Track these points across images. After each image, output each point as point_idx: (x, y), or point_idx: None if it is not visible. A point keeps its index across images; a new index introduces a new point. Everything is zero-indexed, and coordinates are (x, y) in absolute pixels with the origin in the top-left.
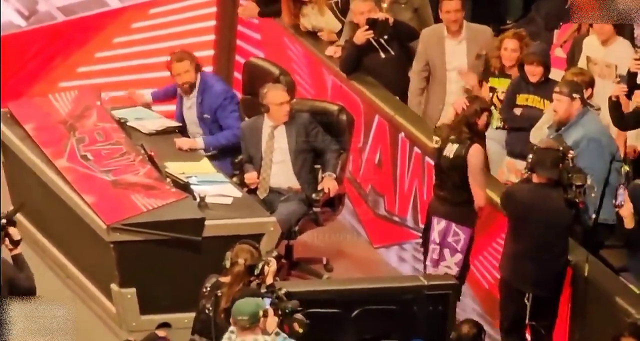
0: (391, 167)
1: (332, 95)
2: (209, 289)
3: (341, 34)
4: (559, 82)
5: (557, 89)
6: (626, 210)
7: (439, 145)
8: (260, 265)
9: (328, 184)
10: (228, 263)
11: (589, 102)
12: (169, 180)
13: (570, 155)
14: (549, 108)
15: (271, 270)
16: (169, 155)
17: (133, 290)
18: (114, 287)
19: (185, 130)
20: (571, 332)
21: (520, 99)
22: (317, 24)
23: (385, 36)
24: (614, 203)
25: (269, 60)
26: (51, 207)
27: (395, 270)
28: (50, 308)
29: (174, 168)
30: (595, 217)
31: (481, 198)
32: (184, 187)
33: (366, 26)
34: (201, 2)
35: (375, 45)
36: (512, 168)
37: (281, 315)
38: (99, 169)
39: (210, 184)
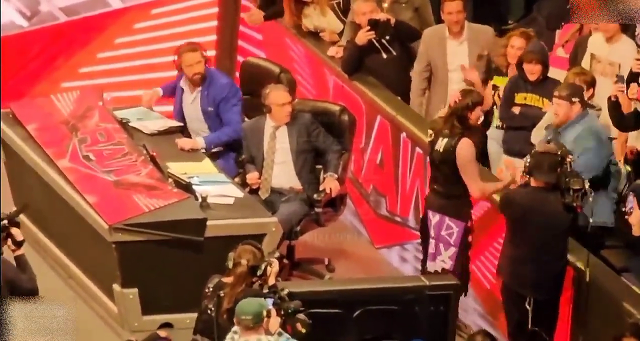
0: (393, 167)
1: (334, 95)
2: (211, 289)
3: (343, 34)
4: (559, 85)
5: (557, 93)
6: (635, 218)
7: (432, 138)
8: (263, 266)
9: (330, 184)
10: (231, 264)
11: (589, 102)
12: (171, 181)
13: (568, 159)
14: (550, 108)
15: (273, 271)
16: (170, 155)
17: (135, 290)
18: (116, 287)
19: (185, 129)
20: (573, 333)
21: (519, 98)
22: (319, 24)
23: (387, 37)
24: (623, 209)
25: (268, 59)
26: (53, 207)
27: (396, 270)
28: (50, 308)
29: (176, 168)
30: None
31: (475, 190)
32: (186, 188)
33: (368, 27)
34: (203, 3)
35: (377, 45)
36: (511, 166)
37: (284, 315)
38: (101, 169)
39: (212, 184)
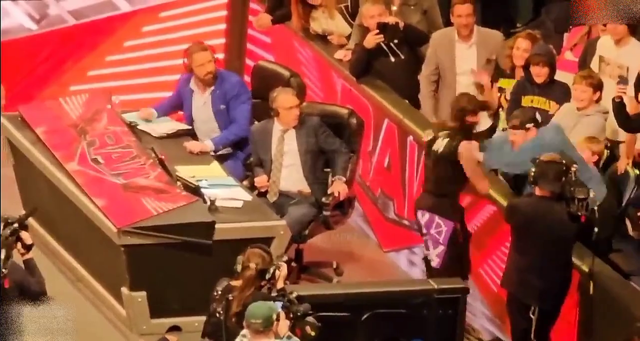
0: (400, 171)
1: (342, 98)
2: (220, 293)
3: (350, 37)
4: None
5: (510, 124)
6: None
7: (429, 138)
8: (271, 270)
9: (338, 187)
10: (239, 267)
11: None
12: (179, 184)
13: (573, 168)
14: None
15: (282, 274)
16: (179, 158)
17: (143, 294)
18: (125, 290)
19: (195, 133)
20: (580, 338)
21: (526, 101)
22: (327, 27)
23: (396, 40)
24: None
25: (279, 63)
26: (62, 210)
27: (405, 273)
28: (50, 308)
29: (185, 171)
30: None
31: (484, 187)
32: (195, 191)
33: (376, 30)
34: (211, 6)
35: (385, 49)
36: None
37: (293, 319)
38: (109, 172)
39: (221, 187)
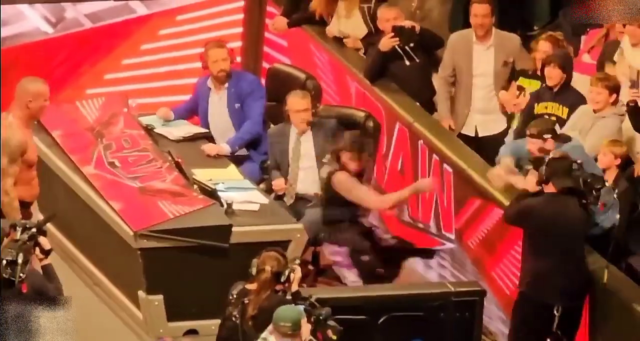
0: (412, 174)
1: (356, 101)
2: (235, 296)
3: (366, 38)
4: (532, 122)
5: (528, 131)
6: None
7: None
8: (286, 272)
9: None
10: (255, 270)
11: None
12: (196, 187)
13: (579, 161)
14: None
15: (296, 277)
16: (196, 161)
17: (160, 297)
18: (141, 294)
19: (211, 136)
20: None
21: (540, 108)
22: (344, 29)
23: (411, 44)
24: None
25: (294, 65)
26: (78, 213)
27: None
28: (50, 308)
29: (201, 175)
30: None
31: (373, 203)
32: (211, 194)
33: (392, 33)
34: (228, 9)
35: (401, 52)
36: (508, 168)
37: (314, 322)
38: (126, 176)
39: (238, 191)
